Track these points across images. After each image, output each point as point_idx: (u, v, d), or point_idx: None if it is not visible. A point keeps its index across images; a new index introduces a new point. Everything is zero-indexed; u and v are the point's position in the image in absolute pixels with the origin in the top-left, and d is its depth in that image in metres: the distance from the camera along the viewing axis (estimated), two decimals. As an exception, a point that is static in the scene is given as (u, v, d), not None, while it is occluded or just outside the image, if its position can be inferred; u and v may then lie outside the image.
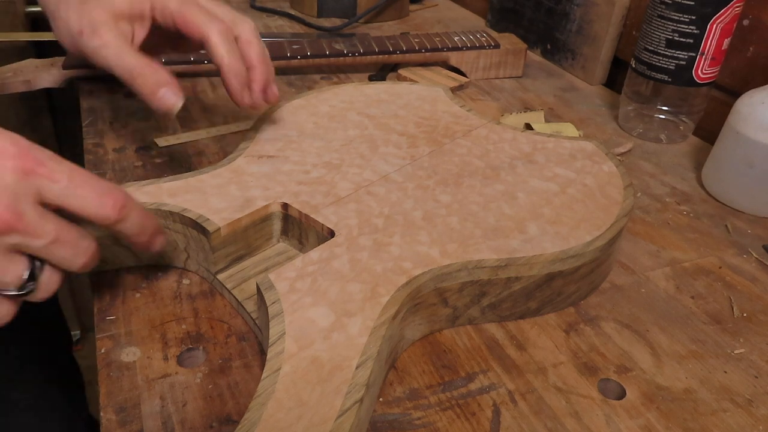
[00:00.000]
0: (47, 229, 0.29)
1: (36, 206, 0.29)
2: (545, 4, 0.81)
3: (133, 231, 0.33)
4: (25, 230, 0.28)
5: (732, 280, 0.44)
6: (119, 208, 0.31)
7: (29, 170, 0.28)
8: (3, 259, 0.29)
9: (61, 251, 0.30)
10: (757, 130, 0.49)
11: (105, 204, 0.31)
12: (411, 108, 0.54)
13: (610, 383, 0.36)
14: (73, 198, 0.30)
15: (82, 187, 0.30)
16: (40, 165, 0.29)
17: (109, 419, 0.31)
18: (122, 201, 0.31)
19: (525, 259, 0.37)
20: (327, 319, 0.32)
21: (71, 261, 0.31)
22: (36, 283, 0.30)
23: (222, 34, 0.42)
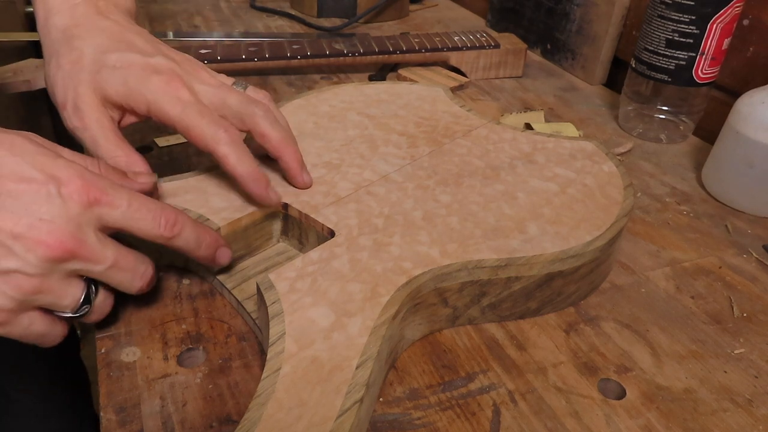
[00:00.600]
0: (107, 255, 0.31)
1: (97, 233, 0.31)
2: (545, 4, 0.81)
3: (190, 246, 0.34)
4: (87, 257, 0.30)
5: (732, 280, 0.44)
6: (171, 225, 0.33)
7: (93, 201, 0.30)
8: (63, 284, 0.30)
9: (119, 275, 0.32)
10: (757, 130, 0.49)
11: (160, 224, 0.32)
12: (411, 108, 0.54)
13: (610, 383, 0.36)
14: (132, 221, 0.32)
15: (140, 210, 0.32)
16: (103, 194, 0.31)
17: (109, 419, 0.31)
18: (173, 219, 0.33)
19: (525, 259, 0.37)
20: (327, 319, 0.32)
21: (129, 284, 0.33)
22: (91, 306, 0.32)
23: (229, 144, 0.37)
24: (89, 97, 0.38)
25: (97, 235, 0.31)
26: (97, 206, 0.30)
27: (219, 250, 0.36)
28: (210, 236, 0.36)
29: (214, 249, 0.36)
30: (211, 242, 0.36)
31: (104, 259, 0.31)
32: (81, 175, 0.30)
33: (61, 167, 0.30)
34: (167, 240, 0.33)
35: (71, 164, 0.31)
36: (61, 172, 0.30)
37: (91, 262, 0.30)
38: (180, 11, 0.95)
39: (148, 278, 0.33)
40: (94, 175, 0.31)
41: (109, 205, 0.31)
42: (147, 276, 0.33)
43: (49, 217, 0.29)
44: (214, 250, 0.36)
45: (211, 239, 0.36)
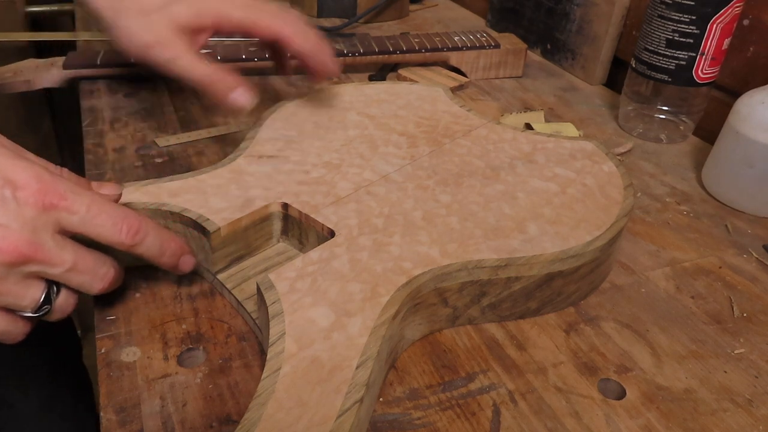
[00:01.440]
0: (65, 258, 0.31)
1: (55, 236, 0.31)
2: (545, 4, 0.81)
3: (152, 253, 0.34)
4: (43, 260, 0.30)
5: (732, 280, 0.44)
6: (133, 233, 0.33)
7: (49, 204, 0.30)
8: (21, 285, 0.31)
9: (79, 278, 0.32)
10: (757, 130, 0.49)
11: (120, 230, 0.32)
12: (411, 108, 0.54)
13: (610, 383, 0.36)
14: (90, 226, 0.32)
15: (99, 216, 0.32)
16: (60, 198, 0.30)
17: (109, 419, 0.31)
18: (136, 227, 0.33)
19: (525, 259, 0.37)
20: (327, 319, 0.32)
21: (89, 286, 0.33)
22: (51, 306, 0.32)
23: (293, 25, 0.46)
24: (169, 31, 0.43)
25: (54, 238, 0.31)
26: (54, 210, 0.30)
27: (183, 258, 0.37)
28: (174, 244, 0.36)
29: (177, 257, 0.36)
30: (175, 250, 0.36)
31: (62, 262, 0.31)
32: (38, 177, 0.30)
33: (18, 169, 0.30)
34: (129, 247, 0.33)
35: (30, 166, 0.31)
36: (18, 174, 0.30)
37: (49, 265, 0.30)
38: (180, 11, 0.95)
39: (109, 280, 0.33)
40: (53, 177, 0.31)
41: (66, 209, 0.31)
42: (108, 278, 0.33)
43: (4, 221, 0.29)
44: (177, 258, 0.36)
45: (176, 246, 0.36)
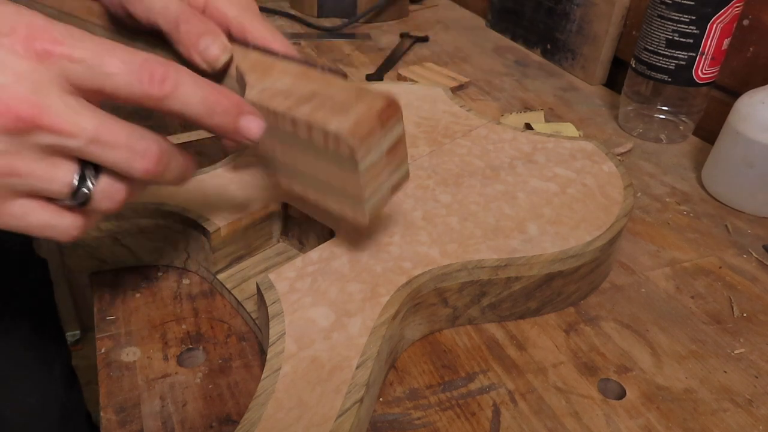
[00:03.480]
0: (81, 124, 0.24)
1: (65, 96, 0.24)
2: (545, 4, 0.81)
3: (193, 110, 0.27)
4: (52, 126, 0.24)
5: (732, 280, 0.44)
6: (160, 80, 0.25)
7: (42, 51, 0.24)
8: (44, 164, 0.25)
9: (109, 153, 0.25)
10: (757, 130, 0.49)
11: (141, 78, 0.25)
12: (411, 108, 0.54)
13: (610, 383, 0.35)
14: (102, 77, 0.25)
15: (110, 62, 0.25)
16: (55, 43, 0.24)
17: (109, 419, 0.31)
18: (162, 72, 0.25)
19: (525, 259, 0.37)
20: (327, 319, 0.32)
21: (127, 165, 0.26)
22: (90, 192, 0.26)
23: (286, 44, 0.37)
24: None
25: (65, 99, 0.24)
26: (51, 59, 0.24)
27: (243, 117, 0.28)
28: (226, 99, 0.28)
29: (233, 116, 0.28)
30: (227, 106, 0.28)
31: (78, 129, 0.24)
32: (28, 22, 0.24)
33: (3, 15, 0.24)
34: (158, 102, 0.26)
35: (19, 12, 0.24)
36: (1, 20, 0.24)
37: (62, 133, 0.24)
38: (180, 11, 0.95)
39: (152, 157, 0.26)
40: (47, 21, 0.24)
41: (66, 57, 0.24)
42: (150, 154, 0.26)
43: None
44: (233, 117, 0.28)
45: (228, 102, 0.28)
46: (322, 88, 0.30)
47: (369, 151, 0.29)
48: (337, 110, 0.29)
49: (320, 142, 0.29)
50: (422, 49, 0.85)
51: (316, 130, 0.29)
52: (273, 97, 0.30)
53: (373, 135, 0.29)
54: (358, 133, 0.28)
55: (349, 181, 0.29)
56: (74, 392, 0.70)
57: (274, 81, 0.31)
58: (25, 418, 0.62)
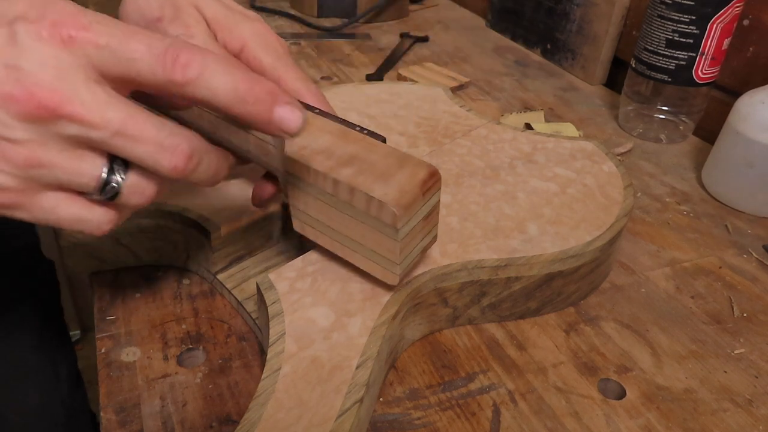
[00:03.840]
0: (108, 116, 0.23)
1: (92, 85, 0.24)
2: (545, 4, 0.81)
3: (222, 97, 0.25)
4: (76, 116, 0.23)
5: (732, 280, 0.44)
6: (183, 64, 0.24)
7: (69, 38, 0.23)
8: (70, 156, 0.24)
9: (135, 147, 0.24)
10: (757, 130, 0.49)
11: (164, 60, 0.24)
12: (411, 108, 0.54)
13: (610, 383, 0.36)
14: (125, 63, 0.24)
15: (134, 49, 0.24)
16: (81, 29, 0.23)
17: (109, 419, 0.31)
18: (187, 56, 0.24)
19: (525, 259, 0.37)
20: (327, 319, 0.32)
21: (153, 161, 0.25)
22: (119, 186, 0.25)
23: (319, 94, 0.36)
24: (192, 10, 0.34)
25: (91, 87, 0.23)
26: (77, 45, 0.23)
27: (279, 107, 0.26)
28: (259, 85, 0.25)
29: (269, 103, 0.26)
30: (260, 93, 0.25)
31: (103, 120, 0.23)
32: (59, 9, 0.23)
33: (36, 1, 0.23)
34: (181, 88, 0.24)
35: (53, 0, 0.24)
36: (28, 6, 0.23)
37: (85, 123, 0.23)
38: (180, 11, 0.95)
39: (182, 155, 0.25)
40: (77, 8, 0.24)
41: (92, 43, 0.23)
42: (180, 152, 0.25)
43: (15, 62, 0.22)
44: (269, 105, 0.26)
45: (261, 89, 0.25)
46: (363, 151, 0.31)
47: (409, 219, 0.30)
48: (381, 176, 0.30)
49: (361, 206, 0.30)
50: (422, 49, 0.85)
51: (358, 194, 0.30)
52: (314, 155, 0.31)
53: (415, 205, 0.30)
54: (401, 203, 0.29)
55: (386, 244, 0.31)
56: (79, 393, 0.70)
57: (313, 138, 0.32)
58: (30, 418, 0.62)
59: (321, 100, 0.36)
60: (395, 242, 0.30)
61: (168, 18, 0.34)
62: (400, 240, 0.30)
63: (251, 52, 0.35)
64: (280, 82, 0.35)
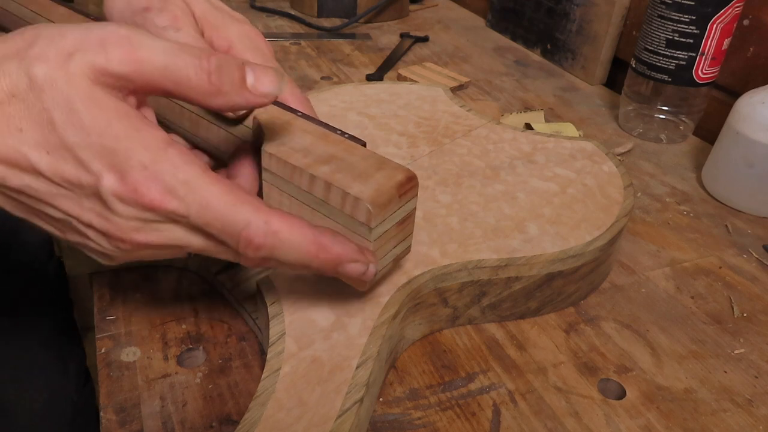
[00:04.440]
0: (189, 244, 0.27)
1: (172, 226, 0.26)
2: (545, 4, 0.81)
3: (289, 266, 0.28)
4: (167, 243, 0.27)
5: (732, 280, 0.44)
6: (254, 249, 0.26)
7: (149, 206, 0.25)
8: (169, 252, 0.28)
9: None
10: (757, 130, 0.49)
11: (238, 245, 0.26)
12: (411, 108, 0.54)
13: (610, 383, 0.36)
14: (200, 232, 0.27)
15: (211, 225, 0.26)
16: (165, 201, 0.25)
17: (109, 419, 0.31)
18: (257, 243, 0.26)
19: (525, 259, 0.37)
20: (327, 319, 0.32)
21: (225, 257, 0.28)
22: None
23: None
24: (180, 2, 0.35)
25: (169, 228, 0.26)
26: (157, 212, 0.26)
27: (344, 266, 0.29)
28: (325, 254, 0.28)
29: (330, 268, 0.29)
30: (325, 261, 0.28)
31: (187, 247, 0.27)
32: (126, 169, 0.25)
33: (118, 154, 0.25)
34: (252, 263, 0.28)
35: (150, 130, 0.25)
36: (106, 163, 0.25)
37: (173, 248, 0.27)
38: (180, 11, 0.95)
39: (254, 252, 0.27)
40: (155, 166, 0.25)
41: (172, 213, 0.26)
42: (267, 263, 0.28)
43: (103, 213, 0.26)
44: (331, 269, 0.29)
45: (326, 258, 0.28)
46: (341, 152, 0.31)
47: (384, 219, 0.29)
48: (358, 176, 0.30)
49: (336, 203, 0.29)
50: (422, 49, 0.85)
51: (334, 190, 0.29)
52: (292, 152, 0.31)
53: (391, 205, 0.30)
54: (377, 201, 0.29)
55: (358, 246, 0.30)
56: (87, 391, 0.71)
57: (292, 137, 0.32)
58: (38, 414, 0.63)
59: (305, 104, 0.36)
60: (368, 243, 0.29)
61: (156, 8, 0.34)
62: (373, 240, 0.29)
63: (237, 54, 0.35)
64: None
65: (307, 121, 0.34)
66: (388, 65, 0.77)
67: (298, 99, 0.36)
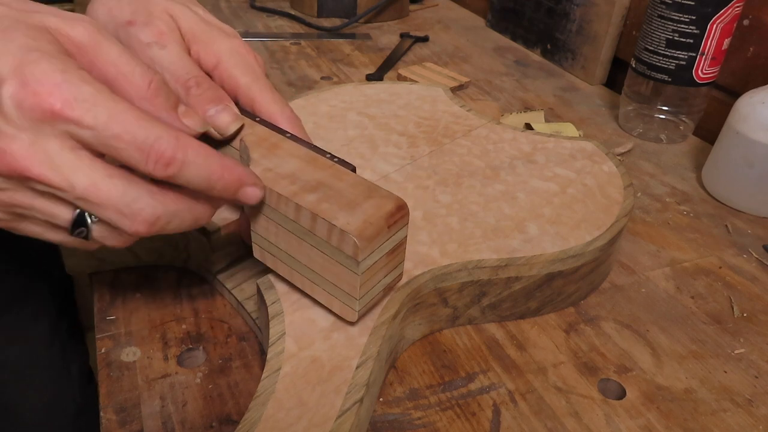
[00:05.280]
0: (72, 182, 0.25)
1: (64, 152, 0.25)
2: (545, 4, 0.81)
3: (196, 185, 0.27)
4: (42, 179, 0.25)
5: (732, 280, 0.44)
6: (164, 164, 0.26)
7: (50, 113, 0.24)
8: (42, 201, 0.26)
9: (98, 210, 0.26)
10: (757, 130, 0.49)
11: (147, 157, 0.25)
12: (411, 108, 0.54)
13: (610, 383, 0.36)
14: (110, 149, 0.25)
15: (120, 135, 0.25)
16: (65, 107, 0.24)
17: (109, 419, 0.31)
18: (169, 156, 0.25)
19: (525, 259, 0.37)
20: (327, 319, 0.32)
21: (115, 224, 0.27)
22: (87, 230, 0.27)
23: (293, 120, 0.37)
24: (166, 17, 0.34)
25: (62, 153, 0.25)
26: (58, 121, 0.24)
27: (242, 189, 0.29)
28: (229, 175, 0.28)
29: (232, 191, 0.29)
30: (229, 182, 0.28)
31: (66, 185, 0.25)
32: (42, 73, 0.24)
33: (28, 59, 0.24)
34: (164, 178, 0.27)
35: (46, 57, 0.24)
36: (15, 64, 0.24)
37: (51, 186, 0.25)
38: (180, 11, 0.95)
39: (144, 221, 0.27)
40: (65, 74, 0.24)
41: (75, 121, 0.24)
42: (142, 218, 0.26)
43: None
44: (232, 192, 0.29)
45: (230, 178, 0.28)
46: (329, 179, 0.30)
47: (372, 251, 0.29)
48: (346, 205, 0.29)
49: (323, 235, 0.29)
50: (422, 49, 0.85)
51: (320, 221, 0.29)
52: (278, 179, 0.30)
53: (379, 237, 0.29)
54: (364, 234, 0.28)
55: (345, 277, 0.29)
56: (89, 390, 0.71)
57: (280, 162, 0.31)
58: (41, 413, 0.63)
59: (295, 123, 0.35)
60: (355, 276, 0.29)
61: (140, 23, 0.34)
62: (360, 273, 0.29)
63: (226, 71, 0.35)
64: (254, 104, 0.35)
65: (295, 143, 0.33)
66: (388, 65, 0.77)
67: (288, 118, 0.35)
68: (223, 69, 0.35)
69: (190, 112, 0.29)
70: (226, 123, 0.33)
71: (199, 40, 0.35)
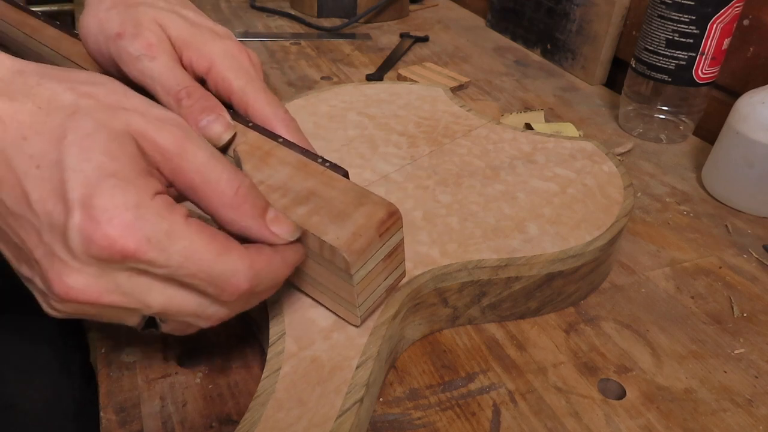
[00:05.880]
0: (147, 302, 0.25)
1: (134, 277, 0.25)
2: (545, 4, 0.81)
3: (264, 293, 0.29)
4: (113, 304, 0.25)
5: (732, 280, 0.44)
6: (238, 295, 0.26)
7: (123, 256, 0.23)
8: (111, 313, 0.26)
9: (173, 318, 0.27)
10: (757, 130, 0.49)
11: (222, 293, 0.26)
12: (411, 108, 0.54)
13: (610, 383, 0.36)
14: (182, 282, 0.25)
15: (194, 276, 0.25)
16: (140, 250, 0.23)
17: (109, 419, 0.31)
18: (244, 289, 0.26)
19: (525, 259, 0.37)
20: (327, 319, 0.32)
21: (192, 323, 0.28)
22: (157, 329, 0.28)
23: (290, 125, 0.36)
24: (155, 26, 0.34)
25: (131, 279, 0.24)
26: (128, 261, 0.23)
27: None
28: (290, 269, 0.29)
29: None
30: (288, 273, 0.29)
31: (141, 306, 0.25)
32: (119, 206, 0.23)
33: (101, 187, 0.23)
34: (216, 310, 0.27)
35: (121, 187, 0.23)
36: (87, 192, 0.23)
37: (123, 308, 0.25)
38: (180, 11, 0.95)
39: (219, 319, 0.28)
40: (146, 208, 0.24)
41: (148, 263, 0.24)
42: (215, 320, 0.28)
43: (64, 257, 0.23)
44: None
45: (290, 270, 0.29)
46: (321, 187, 0.30)
47: (365, 262, 0.29)
48: (335, 217, 0.29)
49: (315, 248, 0.29)
50: (422, 49, 0.85)
51: (311, 236, 0.29)
52: (270, 192, 0.30)
53: (370, 248, 0.29)
54: (354, 248, 0.28)
55: (343, 287, 0.30)
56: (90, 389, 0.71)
57: (271, 172, 0.31)
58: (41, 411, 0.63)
59: (289, 125, 0.35)
60: (351, 286, 0.29)
61: (129, 35, 0.33)
62: (355, 284, 0.29)
63: (220, 74, 0.34)
64: (248, 108, 0.34)
65: (287, 149, 0.33)
66: (388, 65, 0.77)
67: (282, 120, 0.35)
68: (216, 72, 0.34)
69: (280, 218, 0.28)
70: (218, 133, 0.32)
71: (190, 45, 0.35)
